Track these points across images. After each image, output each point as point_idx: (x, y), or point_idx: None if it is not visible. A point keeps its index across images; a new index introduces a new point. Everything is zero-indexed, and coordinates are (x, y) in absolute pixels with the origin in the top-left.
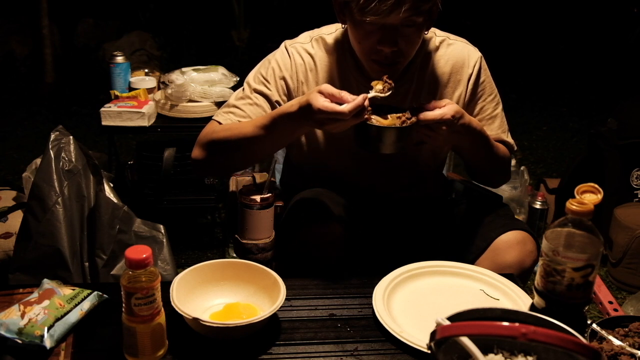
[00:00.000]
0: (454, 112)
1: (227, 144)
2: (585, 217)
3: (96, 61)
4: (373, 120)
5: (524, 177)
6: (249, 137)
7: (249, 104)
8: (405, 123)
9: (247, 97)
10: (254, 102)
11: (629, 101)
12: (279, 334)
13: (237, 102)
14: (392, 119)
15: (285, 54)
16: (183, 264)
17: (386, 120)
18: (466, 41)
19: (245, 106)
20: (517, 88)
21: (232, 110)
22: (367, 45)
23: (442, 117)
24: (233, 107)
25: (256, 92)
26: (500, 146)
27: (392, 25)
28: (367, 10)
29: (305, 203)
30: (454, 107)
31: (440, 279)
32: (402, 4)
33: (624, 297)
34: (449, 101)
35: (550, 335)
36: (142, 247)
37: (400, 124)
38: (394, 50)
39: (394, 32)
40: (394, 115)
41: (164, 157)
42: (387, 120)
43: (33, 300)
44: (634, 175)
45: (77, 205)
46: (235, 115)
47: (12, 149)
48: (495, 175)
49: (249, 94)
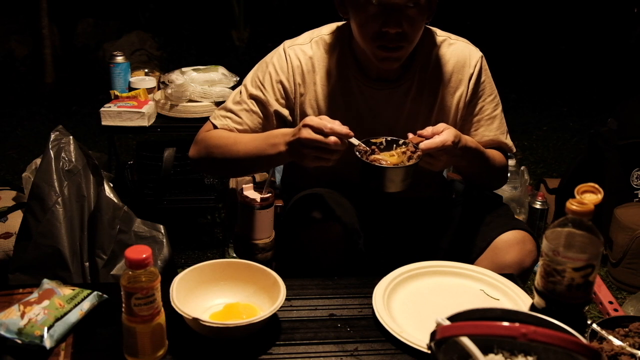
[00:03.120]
0: (454, 137)
1: (220, 155)
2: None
3: (96, 61)
4: (382, 161)
5: (524, 177)
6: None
7: (245, 110)
8: (412, 158)
9: (243, 102)
10: (250, 108)
11: (629, 101)
12: (279, 334)
13: (234, 106)
14: (397, 155)
15: (282, 56)
16: (183, 264)
17: (393, 157)
18: (467, 41)
19: (241, 112)
20: (517, 88)
21: (229, 115)
22: (371, 30)
23: (444, 144)
24: (230, 112)
25: (252, 98)
26: (496, 155)
27: (396, 4)
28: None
29: (305, 203)
30: (452, 131)
31: (440, 279)
32: None
33: (624, 297)
34: (446, 125)
35: (551, 335)
36: (142, 247)
37: (407, 160)
38: (398, 32)
39: (398, 13)
40: (398, 151)
41: (164, 157)
42: (394, 157)
43: (33, 300)
44: (634, 175)
45: (77, 205)
46: (232, 120)
47: (12, 149)
48: (492, 182)
49: (246, 99)
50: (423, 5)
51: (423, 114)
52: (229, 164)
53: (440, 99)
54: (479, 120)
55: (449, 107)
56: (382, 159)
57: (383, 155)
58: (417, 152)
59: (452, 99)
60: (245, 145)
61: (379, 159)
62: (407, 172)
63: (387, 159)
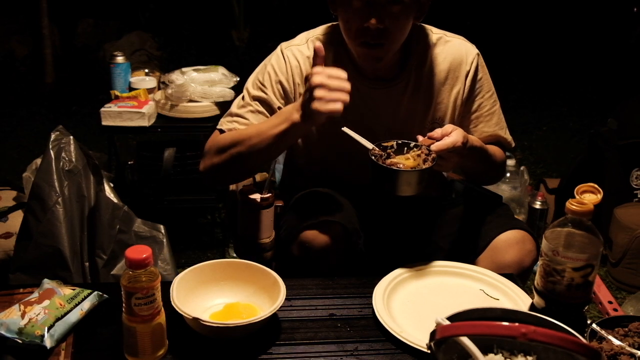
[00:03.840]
0: (462, 137)
1: (233, 152)
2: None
3: (96, 61)
4: (399, 164)
5: (524, 177)
6: (253, 136)
7: (251, 111)
8: (427, 161)
9: (248, 105)
10: (255, 109)
11: (629, 101)
12: (279, 334)
13: (239, 110)
14: (413, 158)
15: (280, 57)
16: (183, 264)
17: (409, 161)
18: (463, 38)
19: (247, 114)
20: (517, 88)
21: (235, 119)
22: (354, 25)
23: (454, 144)
24: (236, 116)
25: (255, 99)
26: (496, 151)
27: (379, 1)
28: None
29: (305, 203)
30: (461, 132)
31: (440, 279)
32: None
33: (623, 297)
34: (454, 126)
35: (550, 335)
36: (142, 247)
37: (422, 162)
38: (378, 28)
39: (381, 8)
40: (414, 154)
41: (164, 157)
42: (410, 161)
43: (33, 300)
44: (634, 175)
45: (77, 205)
46: (238, 123)
47: (12, 149)
48: (492, 178)
49: (250, 101)
50: (408, 3)
51: (420, 112)
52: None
53: (438, 97)
54: (478, 117)
55: (446, 104)
56: (399, 162)
57: (399, 159)
58: (431, 155)
59: (450, 96)
60: (257, 129)
61: (396, 162)
62: (423, 175)
63: (404, 162)
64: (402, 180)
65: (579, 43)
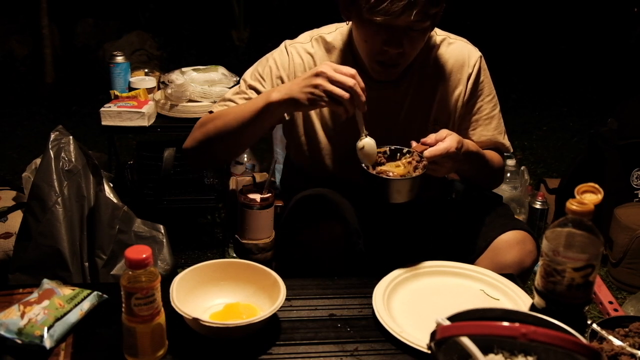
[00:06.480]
0: (457, 142)
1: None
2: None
3: (96, 61)
4: (388, 172)
5: (524, 177)
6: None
7: (244, 98)
8: (418, 168)
9: (242, 92)
10: (249, 97)
11: (630, 101)
12: (279, 334)
13: (233, 96)
14: (403, 165)
15: (284, 53)
16: (183, 264)
17: (399, 168)
18: (466, 41)
19: (240, 100)
20: (517, 88)
21: (227, 103)
22: (372, 45)
23: (448, 150)
24: (228, 101)
25: (251, 88)
26: (494, 157)
27: (400, 27)
28: (377, 10)
29: (305, 202)
30: (455, 137)
31: (440, 279)
32: (414, 7)
33: (624, 297)
34: (448, 131)
35: (551, 335)
36: (142, 247)
37: (413, 170)
38: (399, 52)
39: (401, 34)
40: (404, 161)
41: (164, 157)
42: (400, 168)
43: (33, 300)
44: (634, 175)
45: (77, 205)
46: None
47: (12, 149)
48: (489, 183)
49: (245, 89)
50: (427, 28)
51: (422, 113)
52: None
53: (439, 98)
54: (477, 120)
55: (447, 106)
56: (389, 170)
57: (389, 166)
58: (422, 162)
59: (451, 98)
60: (237, 107)
61: (385, 170)
62: (414, 183)
63: (394, 170)
64: (392, 188)
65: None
